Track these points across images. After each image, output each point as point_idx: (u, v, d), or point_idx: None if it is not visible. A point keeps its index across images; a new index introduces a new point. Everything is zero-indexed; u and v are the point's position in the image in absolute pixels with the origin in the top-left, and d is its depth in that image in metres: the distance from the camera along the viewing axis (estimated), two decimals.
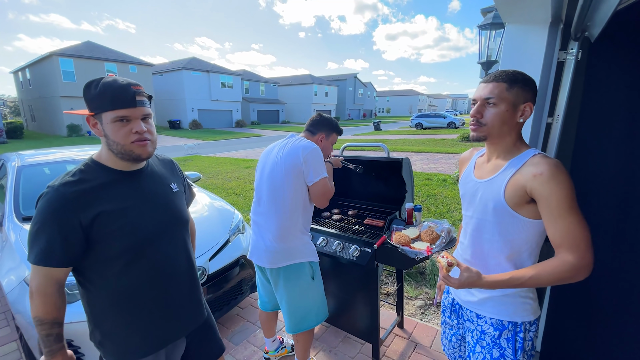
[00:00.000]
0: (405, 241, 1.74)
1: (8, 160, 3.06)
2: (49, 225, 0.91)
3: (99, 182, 0.99)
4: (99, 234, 0.96)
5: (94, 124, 0.98)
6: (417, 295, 2.87)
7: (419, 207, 2.03)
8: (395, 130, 25.37)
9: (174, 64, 31.60)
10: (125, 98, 0.95)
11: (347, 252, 1.91)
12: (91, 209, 0.94)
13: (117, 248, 1.00)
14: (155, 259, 1.09)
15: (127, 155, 1.00)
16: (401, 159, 2.05)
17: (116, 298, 1.04)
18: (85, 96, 0.97)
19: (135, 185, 1.07)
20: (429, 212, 5.21)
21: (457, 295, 1.27)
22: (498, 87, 1.01)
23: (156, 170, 1.18)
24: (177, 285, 1.16)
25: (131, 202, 1.04)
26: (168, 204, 1.15)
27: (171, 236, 1.14)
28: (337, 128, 1.88)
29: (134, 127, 0.98)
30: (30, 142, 18.64)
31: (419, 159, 10.38)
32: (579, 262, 0.91)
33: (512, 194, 1.00)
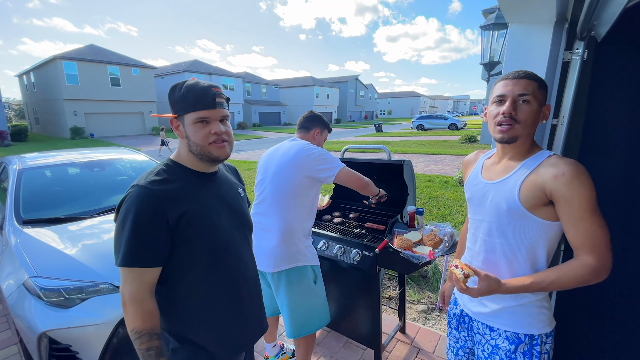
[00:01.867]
0: (408, 245, 1.71)
1: (10, 163, 3.06)
2: (140, 223, 0.90)
3: (182, 182, 1.00)
4: (183, 234, 0.96)
5: (177, 125, 1.01)
6: (420, 299, 2.83)
7: (421, 210, 2.00)
8: (397, 132, 25.33)
9: (176, 66, 31.76)
10: (206, 99, 0.97)
11: (348, 256, 1.88)
12: (177, 207, 0.95)
13: (198, 249, 0.99)
14: (232, 263, 1.08)
15: (205, 156, 1.01)
16: (402, 162, 2.02)
17: (193, 304, 1.03)
18: (170, 99, 1.00)
19: (212, 187, 1.08)
20: (431, 215, 5.17)
21: (466, 307, 1.21)
22: (531, 84, 0.98)
23: (226, 175, 1.20)
24: (248, 292, 1.15)
25: (210, 204, 1.04)
26: (239, 208, 1.16)
27: (244, 241, 1.16)
28: (328, 125, 1.94)
29: (213, 129, 0.99)
30: (35, 145, 18.73)
31: (420, 161, 10.34)
32: (600, 264, 0.89)
33: (528, 195, 0.96)
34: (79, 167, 3.21)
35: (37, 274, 1.88)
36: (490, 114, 1.06)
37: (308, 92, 42.45)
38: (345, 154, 2.59)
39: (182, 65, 30.49)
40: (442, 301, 1.51)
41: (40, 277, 1.87)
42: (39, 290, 1.82)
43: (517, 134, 0.99)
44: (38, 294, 1.82)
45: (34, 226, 2.30)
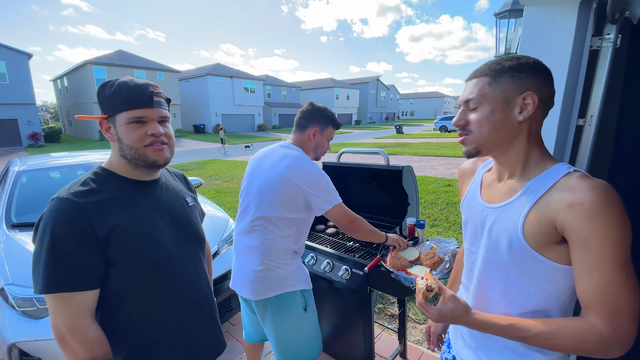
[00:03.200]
0: (401, 265, 1.49)
1: (12, 164, 3.08)
2: (63, 240, 0.78)
3: (113, 192, 0.88)
4: (115, 251, 0.84)
5: (107, 127, 0.88)
6: (426, 319, 2.57)
7: (422, 223, 1.76)
8: (418, 134, 24.68)
9: (199, 70, 32.58)
10: (141, 98, 0.86)
11: (336, 273, 1.67)
12: (106, 221, 0.83)
13: (135, 268, 0.87)
14: (176, 282, 0.97)
15: (141, 160, 0.89)
16: (401, 167, 1.79)
17: (135, 325, 0.91)
18: (99, 98, 0.88)
19: (150, 197, 0.95)
20: (447, 222, 4.84)
21: (458, 354, 0.98)
22: (478, 83, 0.77)
23: (170, 183, 1.08)
24: (198, 311, 1.04)
25: (148, 216, 0.92)
26: (185, 220, 1.04)
27: (190, 255, 1.03)
28: (333, 120, 1.56)
29: (150, 129, 0.88)
30: (65, 146, 19.74)
31: (440, 164, 9.91)
32: (612, 334, 0.64)
33: (535, 230, 0.72)
34: (84, 169, 3.19)
35: (12, 282, 1.81)
36: None
37: (328, 94, 42.39)
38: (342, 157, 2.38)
39: (205, 69, 31.22)
40: (427, 339, 1.27)
41: (14, 285, 1.80)
42: (11, 298, 1.75)
43: (473, 147, 0.80)
44: (11, 303, 1.74)
45: (22, 230, 2.26)
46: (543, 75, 0.74)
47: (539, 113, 0.75)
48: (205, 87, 29.47)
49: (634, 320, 0.65)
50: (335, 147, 16.16)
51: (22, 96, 19.33)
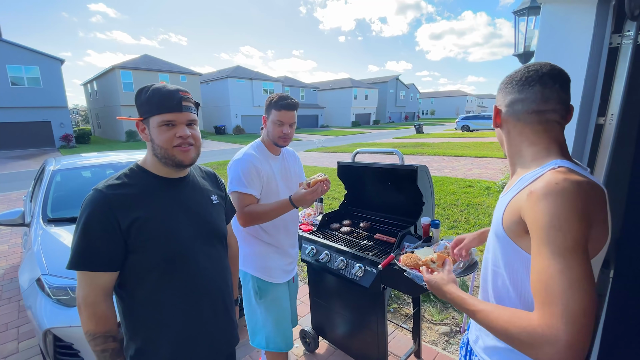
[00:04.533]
0: (414, 263, 1.49)
1: (48, 164, 3.29)
2: (91, 226, 0.90)
3: (141, 188, 0.98)
4: (135, 241, 0.93)
5: (143, 128, 0.99)
6: (442, 319, 2.55)
7: (437, 223, 1.76)
8: (439, 133, 24.18)
9: (220, 72, 33.33)
10: (171, 102, 0.96)
11: (350, 270, 1.70)
12: (129, 213, 0.93)
13: (151, 257, 0.96)
14: (190, 273, 1.03)
15: (169, 160, 0.99)
16: (416, 167, 1.80)
17: (149, 312, 1.00)
18: (136, 102, 0.98)
19: (175, 193, 1.04)
20: (467, 224, 4.75)
21: (469, 333, 1.04)
22: None
23: (198, 181, 1.15)
24: (211, 305, 1.10)
25: (169, 211, 1.01)
26: (205, 216, 1.11)
27: (207, 250, 1.09)
28: (275, 103, 1.54)
29: (178, 132, 0.97)
30: (94, 147, 20.72)
31: (461, 164, 9.68)
32: (544, 330, 0.58)
33: (509, 219, 0.77)
34: (112, 168, 3.37)
35: (48, 272, 1.95)
36: None
37: (346, 94, 42.25)
38: (356, 157, 2.40)
39: (226, 72, 31.89)
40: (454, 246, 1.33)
41: (50, 275, 1.94)
42: (47, 287, 1.89)
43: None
44: (47, 292, 1.88)
45: (57, 225, 2.43)
46: (507, 87, 0.84)
47: (509, 120, 0.84)
48: (226, 89, 30.11)
49: (571, 319, 0.56)
50: (351, 147, 16.12)
51: (55, 100, 20.45)
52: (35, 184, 3.37)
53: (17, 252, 4.35)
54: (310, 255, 1.93)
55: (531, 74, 0.79)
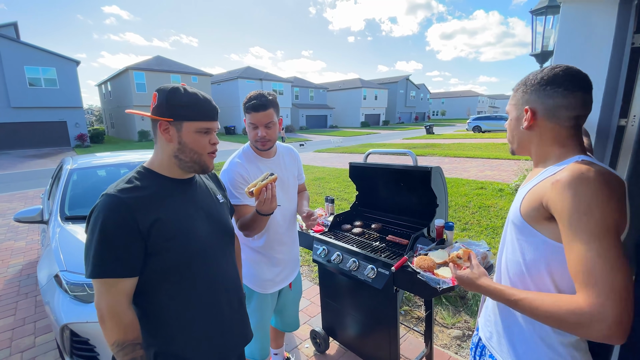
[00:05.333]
0: (428, 266, 1.48)
1: (65, 163, 3.38)
2: (111, 232, 0.87)
3: (155, 189, 0.97)
4: (156, 243, 0.92)
5: (167, 129, 0.97)
6: (455, 323, 2.52)
7: (451, 225, 1.74)
8: (450, 134, 23.92)
9: (230, 73, 33.66)
10: (212, 112, 1.01)
11: (362, 272, 1.70)
12: (149, 215, 0.92)
13: (173, 258, 0.96)
14: (210, 271, 1.05)
15: (197, 164, 1.02)
16: (430, 168, 1.78)
17: (171, 313, 1.00)
18: (169, 101, 0.95)
19: (187, 194, 1.05)
20: (480, 226, 4.68)
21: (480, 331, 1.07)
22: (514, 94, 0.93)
23: (203, 181, 1.17)
24: (228, 300, 1.13)
25: (185, 211, 1.01)
26: (217, 215, 1.13)
27: (222, 248, 1.12)
28: (244, 105, 1.48)
29: (212, 139, 1.02)
30: (108, 146, 21.14)
31: (473, 165, 9.56)
32: (592, 309, 0.63)
33: (528, 206, 0.81)
34: (126, 167, 3.43)
35: (65, 268, 2.00)
36: None
37: (355, 94, 42.16)
38: (369, 158, 2.39)
39: (236, 72, 32.19)
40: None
41: (68, 271, 1.98)
42: (65, 283, 1.93)
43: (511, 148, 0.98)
44: (65, 288, 1.93)
45: (74, 222, 2.48)
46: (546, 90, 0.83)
47: (545, 123, 0.84)
48: (236, 90, 30.38)
49: (616, 297, 0.62)
50: (361, 148, 16.07)
51: (70, 100, 20.95)
52: (53, 182, 3.46)
53: (34, 249, 4.47)
54: (321, 256, 1.93)
55: (574, 79, 0.80)
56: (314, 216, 1.61)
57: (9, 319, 2.81)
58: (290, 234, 1.73)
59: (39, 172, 11.86)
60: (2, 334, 2.61)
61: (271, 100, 1.46)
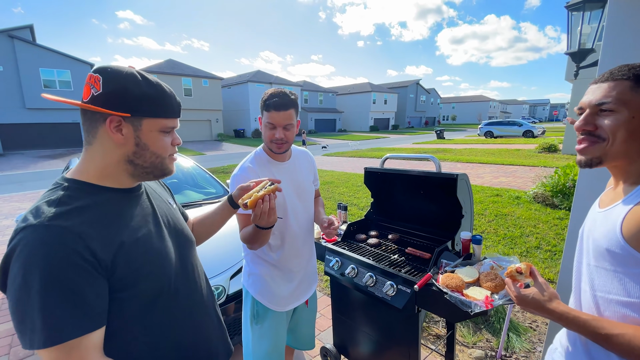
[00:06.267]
0: (457, 285, 1.32)
1: (72, 164, 3.31)
2: (61, 276, 0.63)
3: (104, 206, 0.75)
4: (125, 276, 0.73)
5: (118, 127, 0.74)
6: (475, 342, 2.33)
7: (479, 239, 1.57)
8: (461, 139, 23.55)
9: (240, 77, 33.89)
10: (178, 107, 0.83)
11: (380, 288, 1.54)
12: (108, 242, 0.71)
13: (148, 287, 0.78)
14: (189, 290, 0.91)
15: (158, 170, 0.83)
16: (455, 175, 1.62)
17: (160, 349, 0.83)
18: (127, 90, 0.73)
19: (142, 205, 0.86)
20: (497, 235, 4.46)
21: None
22: (617, 86, 0.72)
23: (150, 186, 0.97)
24: (209, 315, 1.01)
25: (147, 227, 0.83)
26: (178, 224, 0.97)
27: (190, 259, 0.98)
28: (264, 103, 1.33)
29: (175, 140, 0.85)
30: None
31: (487, 172, 9.30)
32: None
33: (635, 227, 0.66)
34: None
35: None
36: None
37: (365, 99, 42.07)
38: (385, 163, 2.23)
39: (247, 76, 32.39)
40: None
41: None
42: None
43: (598, 155, 0.76)
44: None
45: None
46: None
47: None
48: (246, 93, 30.55)
49: None
50: (368, 153, 15.89)
51: None
52: None
53: None
54: (334, 269, 1.77)
55: None
56: (334, 225, 1.46)
57: (9, 324, 2.73)
58: (308, 246, 1.59)
59: (52, 172, 12.01)
60: (2, 340, 2.53)
61: (293, 100, 1.34)
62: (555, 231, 4.46)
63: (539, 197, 5.75)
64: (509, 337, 2.32)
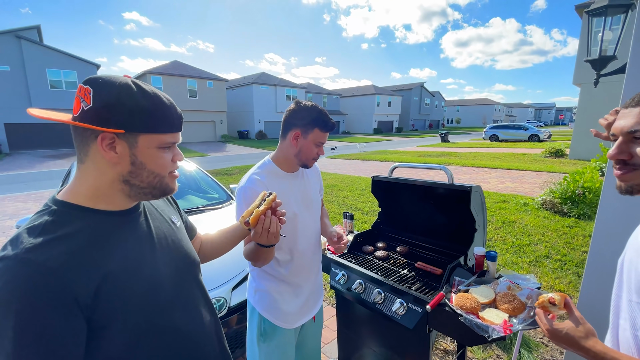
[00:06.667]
0: (472, 306, 1.24)
1: (74, 167, 3.27)
2: (34, 322, 0.57)
3: (91, 233, 0.68)
4: (109, 309, 0.65)
5: (111, 144, 0.67)
6: (486, 358, 2.24)
7: (494, 255, 1.50)
8: (466, 143, 23.38)
9: (245, 79, 34.00)
10: (178, 120, 0.75)
11: (388, 306, 1.46)
12: (91, 275, 0.64)
13: (137, 323, 0.71)
14: (182, 323, 0.81)
15: (158, 190, 0.75)
16: (469, 188, 1.54)
17: None
18: (120, 103, 0.66)
19: (137, 228, 0.78)
20: (504, 243, 4.36)
21: None
22: None
23: (152, 204, 0.88)
24: (210, 345, 0.91)
25: (141, 254, 0.75)
26: (179, 247, 0.88)
27: (193, 286, 0.89)
28: (319, 120, 1.27)
29: (176, 156, 0.77)
30: None
31: (493, 177, 9.17)
32: None
33: None
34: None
35: None
36: None
37: (369, 101, 42.00)
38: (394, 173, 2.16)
39: (251, 78, 32.48)
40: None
41: None
42: None
43: (638, 182, 0.70)
44: None
45: None
46: None
47: None
48: (250, 95, 30.63)
49: None
50: (372, 156, 15.79)
51: None
52: (62, 184, 3.36)
53: None
54: (340, 283, 1.70)
55: None
56: (344, 240, 1.43)
57: None
58: (316, 259, 1.52)
59: (57, 172, 12.05)
60: None
61: None
62: (564, 240, 4.36)
63: (548, 204, 5.64)
64: (520, 353, 2.23)
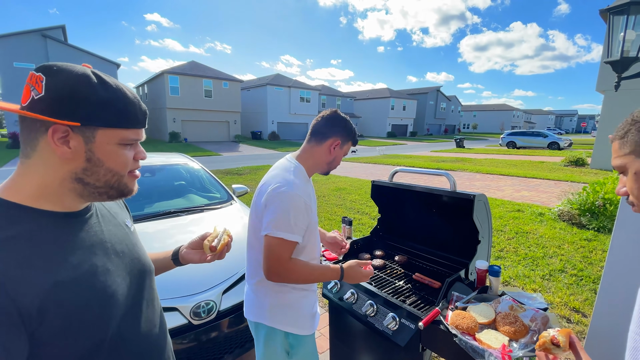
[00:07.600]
0: (468, 326, 1.13)
1: None
2: None
3: (37, 236, 0.60)
4: (55, 323, 0.58)
5: (65, 138, 0.60)
6: None
7: (497, 270, 1.38)
8: (482, 149, 22.83)
9: (260, 80, 34.33)
10: (143, 115, 0.70)
11: (380, 320, 1.37)
12: (37, 283, 0.57)
13: (87, 338, 0.63)
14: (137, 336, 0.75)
15: (115, 190, 0.69)
16: (472, 196, 1.43)
17: None
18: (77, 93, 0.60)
19: (88, 231, 0.70)
20: (517, 255, 4.16)
21: None
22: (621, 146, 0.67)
23: (104, 206, 0.81)
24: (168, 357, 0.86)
25: (92, 261, 0.67)
26: (132, 252, 0.80)
27: (147, 294, 0.82)
28: (354, 135, 1.37)
29: (139, 154, 0.71)
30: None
31: (508, 184, 8.86)
32: None
33: None
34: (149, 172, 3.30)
35: None
36: None
37: (383, 104, 41.67)
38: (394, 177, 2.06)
39: (266, 79, 32.75)
40: None
41: None
42: None
43: None
44: None
45: None
46: None
47: None
48: (264, 96, 30.87)
49: None
50: (385, 160, 15.57)
51: None
52: None
53: None
54: (332, 292, 1.62)
55: None
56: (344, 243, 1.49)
57: None
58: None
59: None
60: None
61: None
62: (582, 254, 4.12)
63: (565, 215, 5.38)
64: None
